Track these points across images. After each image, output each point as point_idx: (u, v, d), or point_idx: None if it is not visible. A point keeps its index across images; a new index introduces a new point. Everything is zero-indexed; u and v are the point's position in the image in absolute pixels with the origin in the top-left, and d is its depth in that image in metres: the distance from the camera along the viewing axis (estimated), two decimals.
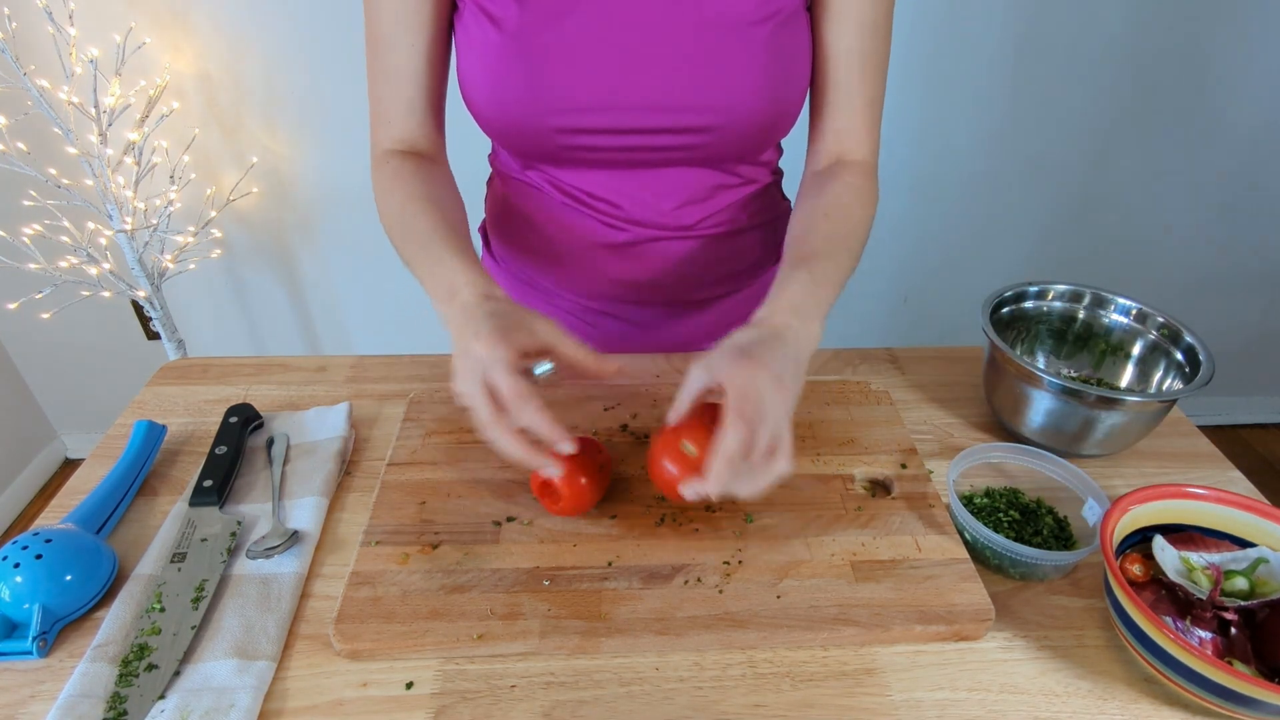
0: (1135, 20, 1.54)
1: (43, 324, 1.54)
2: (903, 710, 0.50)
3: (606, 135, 0.67)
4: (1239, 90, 1.64)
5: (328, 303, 1.84)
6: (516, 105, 0.65)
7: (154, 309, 1.57)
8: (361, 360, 0.82)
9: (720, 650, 0.53)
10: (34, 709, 0.49)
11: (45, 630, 0.52)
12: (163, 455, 0.69)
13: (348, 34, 1.47)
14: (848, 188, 0.69)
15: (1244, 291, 1.94)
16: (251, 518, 0.62)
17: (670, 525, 0.60)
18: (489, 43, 0.64)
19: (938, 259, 1.86)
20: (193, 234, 1.56)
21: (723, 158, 0.73)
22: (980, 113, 1.65)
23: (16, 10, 1.36)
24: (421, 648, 0.52)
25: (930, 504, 0.63)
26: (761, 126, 0.69)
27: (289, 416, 0.73)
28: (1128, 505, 0.55)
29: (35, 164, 1.39)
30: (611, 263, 0.78)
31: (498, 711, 0.49)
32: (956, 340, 1.85)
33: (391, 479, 0.64)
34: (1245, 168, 1.74)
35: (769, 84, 0.66)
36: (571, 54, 0.64)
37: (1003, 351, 0.68)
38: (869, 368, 0.82)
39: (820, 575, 0.56)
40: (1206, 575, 0.52)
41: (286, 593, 0.56)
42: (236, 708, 0.48)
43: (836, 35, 0.67)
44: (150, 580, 0.56)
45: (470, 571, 0.56)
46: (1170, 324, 0.72)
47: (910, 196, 1.75)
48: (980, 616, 0.54)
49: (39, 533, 0.55)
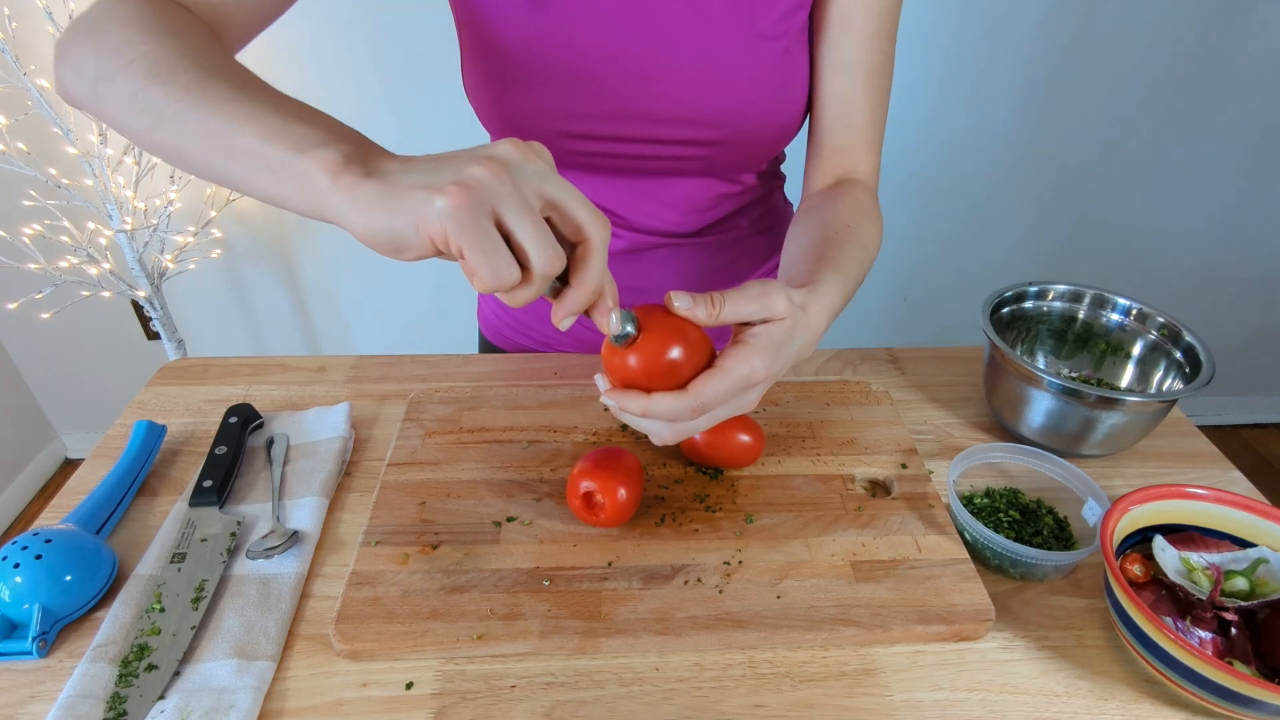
0: (1137, 21, 1.54)
1: (43, 324, 1.54)
2: (903, 710, 0.50)
3: (610, 143, 0.67)
4: (1240, 90, 1.64)
5: (328, 303, 1.84)
6: (521, 107, 0.65)
7: (154, 309, 1.57)
8: (361, 360, 0.82)
9: (720, 650, 0.53)
10: (34, 709, 0.49)
11: (45, 630, 0.52)
12: (163, 455, 0.69)
13: (349, 33, 1.47)
14: (860, 205, 0.66)
15: (1244, 291, 1.94)
16: (251, 518, 0.62)
17: (670, 525, 0.60)
18: (496, 43, 0.64)
19: (938, 259, 1.86)
20: (193, 234, 1.56)
21: (727, 168, 0.73)
22: (981, 113, 1.65)
23: (16, 10, 1.36)
24: (421, 648, 0.52)
25: (930, 504, 0.63)
26: (767, 139, 0.68)
27: (289, 416, 0.73)
28: (1128, 505, 0.55)
29: (35, 164, 1.39)
30: (611, 267, 0.78)
31: (498, 711, 0.49)
32: (956, 340, 1.85)
33: (391, 479, 0.64)
34: (1246, 168, 1.74)
35: (776, 98, 0.66)
36: (579, 60, 0.63)
37: (1003, 351, 0.68)
38: (869, 368, 0.82)
39: (820, 575, 0.56)
40: (1207, 575, 0.52)
41: (286, 593, 0.56)
42: (236, 708, 0.48)
43: (837, 49, 0.65)
44: (150, 580, 0.56)
45: (470, 572, 0.56)
46: (1170, 324, 0.72)
47: (910, 196, 1.75)
48: (980, 617, 0.54)
49: (39, 533, 0.55)
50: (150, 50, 0.46)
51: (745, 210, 0.78)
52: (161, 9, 0.49)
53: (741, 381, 0.48)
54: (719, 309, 0.48)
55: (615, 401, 0.48)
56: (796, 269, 0.59)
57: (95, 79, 0.47)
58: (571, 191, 0.41)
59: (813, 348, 0.55)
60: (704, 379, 0.47)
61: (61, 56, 0.50)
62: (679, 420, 0.48)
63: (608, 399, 0.49)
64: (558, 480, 0.64)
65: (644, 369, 0.48)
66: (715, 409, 0.48)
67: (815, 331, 0.54)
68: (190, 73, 0.44)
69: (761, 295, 0.48)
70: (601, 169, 0.71)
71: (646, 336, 0.48)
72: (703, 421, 0.49)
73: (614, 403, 0.49)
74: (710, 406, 0.48)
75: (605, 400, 0.49)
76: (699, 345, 0.49)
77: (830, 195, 0.68)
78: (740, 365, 0.47)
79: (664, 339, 0.48)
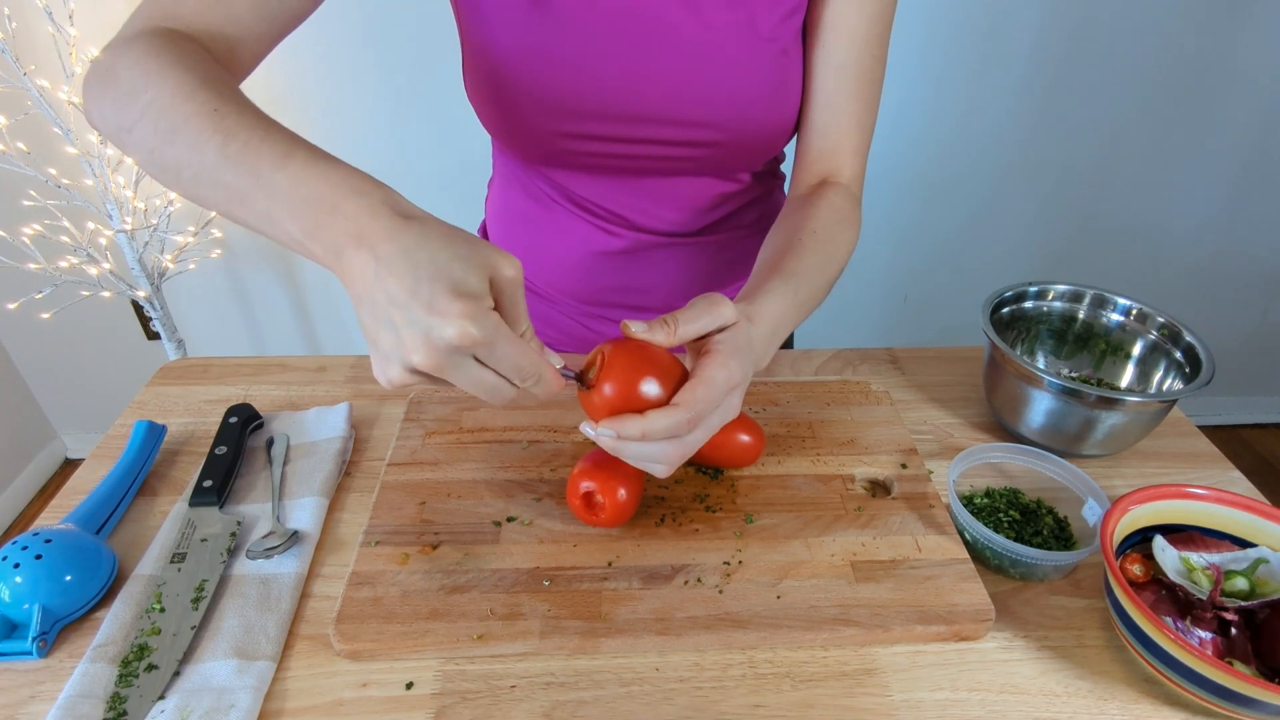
0: (1137, 21, 1.54)
1: (43, 324, 1.54)
2: (903, 710, 0.50)
3: (609, 143, 0.67)
4: (1240, 92, 1.64)
5: (328, 303, 1.84)
6: (521, 108, 0.65)
7: (154, 309, 1.57)
8: (361, 360, 0.82)
9: (720, 650, 0.53)
10: (34, 709, 0.49)
11: (45, 630, 0.52)
12: (163, 455, 0.69)
13: (349, 33, 1.47)
14: (833, 210, 0.66)
15: (1244, 291, 1.94)
16: (251, 518, 0.62)
17: (670, 525, 0.60)
18: (498, 43, 0.64)
19: (938, 259, 1.86)
20: (193, 234, 1.56)
21: (726, 168, 0.73)
22: (981, 113, 1.65)
23: (16, 10, 1.36)
24: (421, 648, 0.52)
25: (930, 504, 0.63)
26: (766, 140, 0.68)
27: (289, 416, 0.72)
28: (1128, 505, 0.55)
29: (35, 164, 1.39)
30: (610, 267, 0.78)
31: (498, 711, 0.49)
32: (956, 340, 1.85)
33: (391, 479, 0.64)
34: (1246, 168, 1.74)
35: (774, 99, 0.66)
36: (580, 61, 0.63)
37: (1003, 351, 0.68)
38: (869, 368, 0.82)
39: (820, 575, 0.56)
40: (1206, 575, 0.52)
41: (286, 593, 0.56)
42: (236, 708, 0.48)
43: (828, 50, 0.65)
44: (150, 580, 0.56)
45: (470, 572, 0.56)
46: (1170, 324, 0.72)
47: (911, 196, 1.75)
48: (980, 617, 0.54)
49: (39, 533, 0.55)
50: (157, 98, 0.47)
51: (745, 210, 0.78)
52: (169, 44, 0.50)
53: (724, 385, 0.48)
54: (675, 327, 0.49)
55: (613, 429, 0.47)
56: (752, 280, 0.60)
57: (117, 130, 0.49)
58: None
59: (767, 358, 0.55)
60: (689, 389, 0.48)
61: (86, 99, 0.51)
62: (677, 434, 0.48)
63: (604, 430, 0.48)
64: (558, 480, 0.64)
65: (621, 395, 0.48)
66: (708, 417, 0.49)
67: (764, 339, 0.54)
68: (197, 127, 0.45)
69: (710, 307, 0.50)
70: (601, 169, 0.71)
71: (615, 368, 0.48)
72: (699, 435, 0.49)
73: (611, 431, 0.48)
74: (703, 415, 0.48)
75: (600, 433, 0.48)
76: (669, 366, 0.50)
77: (806, 200, 0.68)
78: (718, 370, 0.48)
79: (633, 367, 0.48)
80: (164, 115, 0.46)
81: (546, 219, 0.77)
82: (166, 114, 0.46)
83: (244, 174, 0.43)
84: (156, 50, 0.49)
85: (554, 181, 0.74)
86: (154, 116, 0.46)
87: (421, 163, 1.61)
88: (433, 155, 1.61)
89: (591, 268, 0.78)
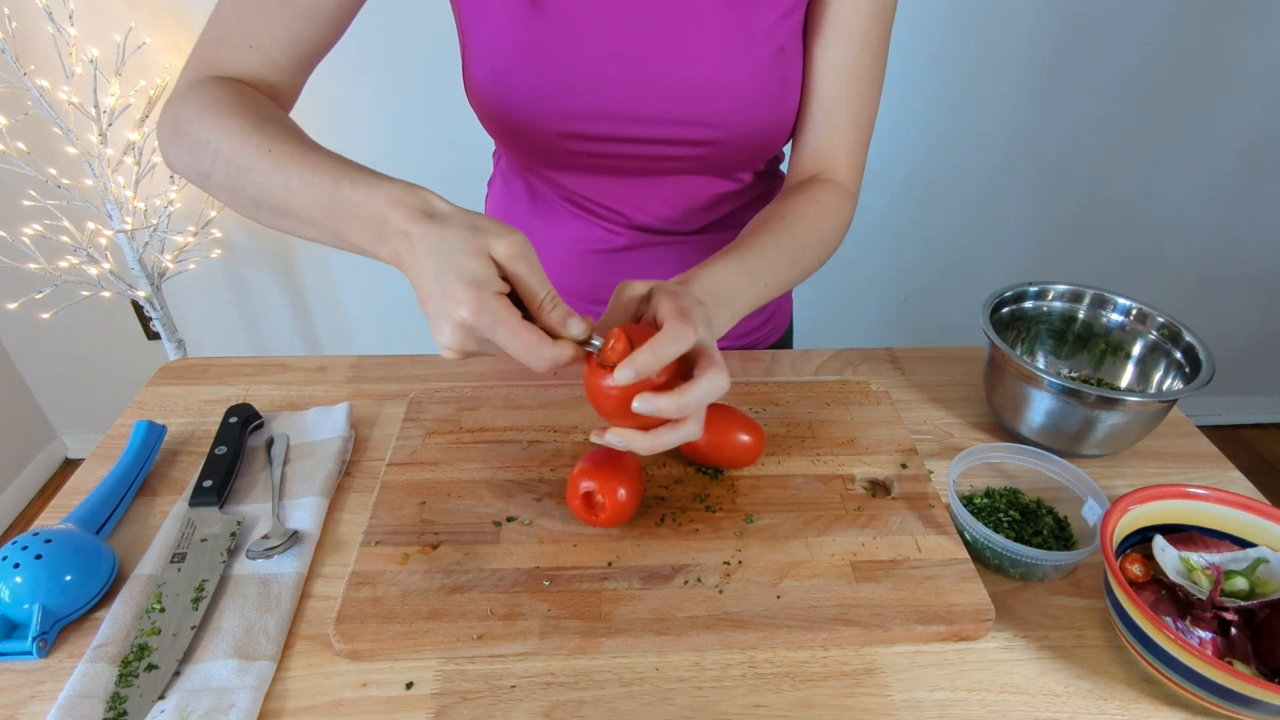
0: (1137, 22, 1.54)
1: (43, 324, 1.54)
2: (903, 710, 0.50)
3: (610, 143, 0.67)
4: (1240, 90, 1.64)
5: (328, 303, 1.84)
6: (521, 108, 0.65)
7: (154, 309, 1.57)
8: (361, 360, 0.82)
9: (720, 650, 0.53)
10: (34, 709, 0.49)
11: (45, 630, 0.52)
12: (163, 455, 0.69)
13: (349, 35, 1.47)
14: (812, 200, 0.66)
15: (1244, 291, 1.94)
16: (251, 518, 0.62)
17: (670, 525, 0.60)
18: (499, 43, 0.64)
19: (938, 259, 1.86)
20: (193, 234, 1.56)
21: (726, 167, 0.73)
22: (981, 113, 1.65)
23: (16, 10, 1.36)
24: (421, 648, 0.52)
25: (930, 504, 0.63)
26: (765, 139, 0.69)
27: (289, 416, 0.73)
28: (1128, 505, 0.55)
29: (35, 164, 1.39)
30: (611, 265, 0.78)
31: (498, 711, 0.49)
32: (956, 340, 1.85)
33: (391, 479, 0.64)
34: (1246, 168, 1.74)
35: (773, 99, 0.66)
36: (580, 61, 0.63)
37: (1003, 351, 0.68)
38: (869, 368, 0.82)
39: (820, 575, 0.56)
40: (1206, 575, 0.52)
41: (286, 593, 0.56)
42: (236, 708, 0.48)
43: (826, 49, 0.65)
44: (150, 580, 0.56)
45: (470, 572, 0.56)
46: (1170, 324, 0.72)
47: (911, 196, 1.75)
48: (980, 616, 0.54)
49: (39, 533, 0.55)
50: (221, 147, 0.53)
51: (745, 209, 0.78)
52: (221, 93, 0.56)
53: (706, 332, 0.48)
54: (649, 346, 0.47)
55: (647, 406, 0.46)
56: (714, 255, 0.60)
57: (199, 177, 0.56)
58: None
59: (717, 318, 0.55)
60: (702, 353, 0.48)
61: (163, 152, 0.58)
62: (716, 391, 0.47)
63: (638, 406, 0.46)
64: (558, 480, 0.64)
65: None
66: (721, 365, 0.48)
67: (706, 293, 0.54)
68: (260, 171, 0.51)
69: (625, 297, 0.52)
70: (600, 168, 0.71)
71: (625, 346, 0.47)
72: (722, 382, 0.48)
73: (647, 406, 0.46)
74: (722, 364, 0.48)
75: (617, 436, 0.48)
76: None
77: (789, 191, 0.68)
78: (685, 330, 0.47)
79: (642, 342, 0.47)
80: (230, 161, 0.52)
81: (547, 217, 0.78)
82: (233, 160, 0.52)
83: (308, 205, 0.50)
84: (211, 100, 0.55)
85: (554, 181, 0.74)
86: (223, 163, 0.53)
87: (422, 163, 1.61)
88: (433, 155, 1.61)
89: (591, 265, 0.78)
